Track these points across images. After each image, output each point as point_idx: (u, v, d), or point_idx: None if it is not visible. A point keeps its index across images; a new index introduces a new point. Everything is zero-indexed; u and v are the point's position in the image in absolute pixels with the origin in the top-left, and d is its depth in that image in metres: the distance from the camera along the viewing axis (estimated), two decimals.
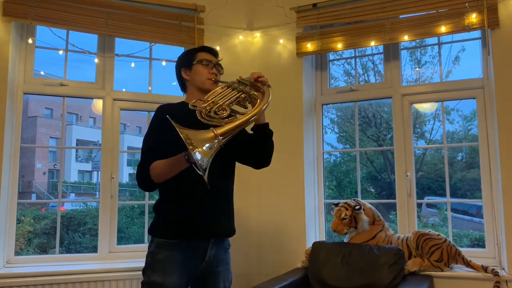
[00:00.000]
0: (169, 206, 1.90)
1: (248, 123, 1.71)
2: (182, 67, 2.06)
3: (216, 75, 2.02)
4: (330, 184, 6.66)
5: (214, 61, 2.05)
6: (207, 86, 1.98)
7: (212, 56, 2.06)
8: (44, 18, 3.03)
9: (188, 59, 2.05)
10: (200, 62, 2.01)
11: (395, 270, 2.77)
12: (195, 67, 2.02)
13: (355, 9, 3.26)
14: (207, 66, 2.01)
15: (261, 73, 1.89)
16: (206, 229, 1.89)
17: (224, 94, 1.81)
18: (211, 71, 2.01)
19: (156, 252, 1.87)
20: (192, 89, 2.04)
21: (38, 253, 6.66)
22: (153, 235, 1.91)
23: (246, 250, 3.41)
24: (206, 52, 2.06)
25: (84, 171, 20.16)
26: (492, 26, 2.88)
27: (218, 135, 1.61)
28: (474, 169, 6.35)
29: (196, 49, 2.09)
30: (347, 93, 3.48)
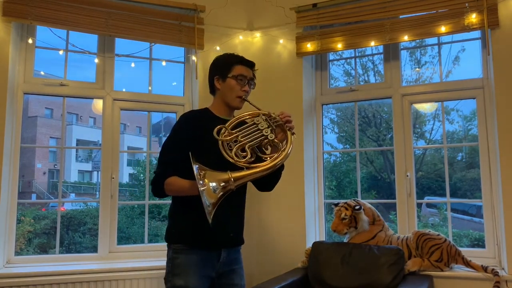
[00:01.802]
0: (184, 214, 1.94)
1: (264, 173, 1.77)
2: (216, 75, 2.04)
3: (247, 92, 2.02)
4: (330, 184, 6.66)
5: (249, 76, 2.03)
6: (235, 104, 2.02)
7: (248, 70, 2.04)
8: (44, 18, 3.03)
9: (224, 69, 2.02)
10: (235, 78, 1.99)
11: (395, 270, 2.77)
12: (229, 80, 2.00)
13: (355, 9, 3.26)
14: (241, 81, 2.00)
15: (290, 115, 1.91)
16: (218, 241, 1.94)
17: (249, 131, 1.83)
18: (243, 88, 2.00)
19: (175, 257, 1.92)
20: (220, 100, 2.04)
21: (38, 253, 6.66)
22: (170, 242, 1.97)
23: (246, 250, 3.40)
24: (243, 66, 2.03)
25: (84, 171, 20.15)
26: (492, 26, 2.88)
27: (231, 179, 1.69)
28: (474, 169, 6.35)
29: (234, 60, 2.04)
30: (347, 93, 3.48)
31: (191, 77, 3.53)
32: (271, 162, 1.78)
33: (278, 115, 1.90)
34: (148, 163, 3.83)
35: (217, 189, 1.67)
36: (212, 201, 1.65)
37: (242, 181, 1.74)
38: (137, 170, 11.85)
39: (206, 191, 1.64)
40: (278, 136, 1.87)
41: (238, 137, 1.80)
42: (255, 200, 3.47)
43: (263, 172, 1.76)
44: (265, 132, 1.83)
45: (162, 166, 1.91)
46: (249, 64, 2.06)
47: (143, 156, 12.39)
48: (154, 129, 16.82)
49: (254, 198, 3.47)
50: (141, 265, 3.08)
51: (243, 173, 1.73)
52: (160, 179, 1.89)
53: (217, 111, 2.03)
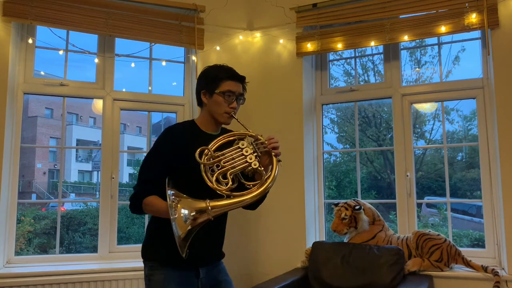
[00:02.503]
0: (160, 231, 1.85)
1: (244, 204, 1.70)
2: (202, 88, 1.92)
3: (235, 109, 1.90)
4: (330, 184, 6.66)
5: (238, 92, 1.90)
6: (223, 120, 1.91)
7: (238, 85, 1.91)
8: (44, 18, 3.03)
9: (211, 84, 1.90)
10: (222, 94, 1.87)
11: (395, 270, 2.77)
12: (216, 96, 1.88)
13: (355, 9, 3.26)
14: (228, 97, 1.88)
15: (278, 141, 1.81)
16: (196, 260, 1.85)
17: (232, 156, 1.73)
18: (231, 105, 1.88)
19: (151, 274, 1.86)
20: (207, 115, 1.94)
21: (38, 253, 6.66)
22: (145, 258, 1.91)
23: (246, 250, 3.41)
24: (233, 81, 1.90)
25: (84, 171, 20.14)
26: (492, 26, 2.88)
27: (209, 208, 1.62)
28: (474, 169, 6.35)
29: (223, 75, 1.90)
30: (347, 93, 3.48)
31: (191, 77, 3.54)
32: (252, 193, 1.68)
33: (266, 139, 1.79)
34: None
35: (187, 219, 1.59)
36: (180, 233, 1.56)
37: (220, 210, 1.65)
38: (137, 170, 11.79)
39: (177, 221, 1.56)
40: (263, 162, 1.77)
41: (221, 162, 1.71)
42: None
43: (243, 203, 1.67)
44: (249, 159, 1.73)
45: (141, 184, 1.83)
46: (238, 78, 1.92)
47: (143, 156, 12.38)
48: (154, 129, 16.82)
49: None
50: (141, 265, 3.05)
51: (222, 203, 1.65)
52: (138, 197, 1.80)
53: (203, 126, 1.94)
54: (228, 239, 3.49)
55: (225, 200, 1.66)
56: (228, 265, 3.37)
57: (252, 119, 3.53)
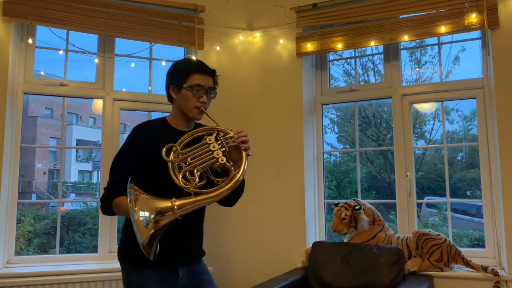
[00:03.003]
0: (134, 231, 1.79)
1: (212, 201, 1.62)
2: (171, 83, 1.87)
3: (205, 104, 1.83)
4: (330, 184, 6.65)
5: (207, 86, 1.83)
6: (192, 115, 1.84)
7: (207, 78, 1.84)
8: (44, 18, 3.03)
9: (179, 78, 1.84)
10: (190, 88, 1.80)
11: (395, 270, 2.77)
12: (184, 91, 1.81)
13: (355, 9, 3.26)
14: (197, 92, 1.81)
15: (247, 135, 1.73)
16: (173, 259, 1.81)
17: (200, 152, 1.67)
18: (201, 99, 1.82)
19: (129, 277, 1.81)
20: (177, 111, 1.88)
21: (38, 253, 6.66)
22: (121, 260, 1.86)
23: (246, 250, 3.41)
24: (201, 75, 1.83)
25: (84, 171, 20.15)
26: (492, 26, 2.88)
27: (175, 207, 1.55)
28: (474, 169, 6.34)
29: (191, 68, 1.84)
30: (347, 93, 3.48)
31: None
32: (220, 189, 1.61)
33: (235, 133, 1.71)
34: None
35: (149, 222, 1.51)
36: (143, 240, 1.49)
37: (187, 208, 1.58)
38: None
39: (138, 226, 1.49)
40: (233, 156, 1.70)
41: (188, 159, 1.65)
42: (255, 200, 3.47)
43: (211, 199, 1.60)
44: (216, 155, 1.66)
45: (111, 185, 1.77)
46: (208, 72, 1.85)
47: None
48: None
49: (254, 198, 3.47)
50: None
51: (189, 201, 1.58)
52: (108, 198, 1.75)
53: (174, 123, 1.88)
54: (228, 239, 3.50)
55: (193, 198, 1.59)
56: (228, 265, 3.38)
57: (252, 119, 3.53)
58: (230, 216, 3.40)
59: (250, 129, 3.50)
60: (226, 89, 3.49)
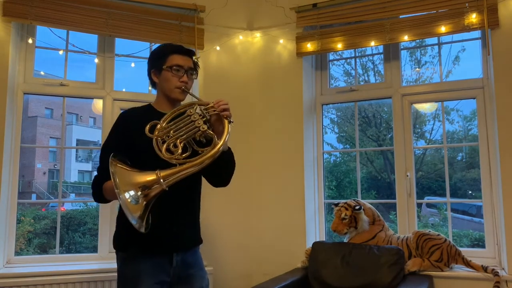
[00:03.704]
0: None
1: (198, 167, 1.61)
2: (152, 68, 1.90)
3: (186, 83, 1.85)
4: (330, 184, 6.65)
5: (187, 66, 1.86)
6: (174, 96, 1.86)
7: (185, 59, 1.87)
8: (44, 18, 3.03)
9: (158, 60, 1.87)
10: (169, 69, 1.83)
11: (395, 270, 2.77)
12: (164, 72, 1.84)
13: (355, 9, 3.26)
14: (177, 72, 1.83)
15: (227, 103, 1.74)
16: (169, 244, 1.80)
17: (181, 125, 1.68)
18: (181, 79, 1.84)
19: (123, 267, 1.83)
20: (160, 94, 1.90)
21: (38, 253, 6.65)
22: (116, 249, 1.86)
23: (246, 250, 3.41)
24: (179, 55, 1.86)
25: (84, 171, 20.14)
26: (492, 26, 2.88)
27: (160, 178, 1.55)
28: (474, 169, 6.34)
29: (168, 50, 1.87)
30: (347, 93, 3.48)
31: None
32: (203, 156, 1.61)
33: (214, 103, 1.73)
34: None
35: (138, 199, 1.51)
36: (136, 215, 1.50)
37: (173, 178, 1.57)
38: None
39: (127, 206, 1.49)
40: (217, 127, 1.71)
41: (170, 132, 1.66)
42: (255, 200, 3.47)
43: (195, 167, 1.59)
44: (197, 124, 1.67)
45: (100, 171, 1.79)
46: (185, 52, 1.88)
47: None
48: None
49: (254, 198, 3.47)
50: None
51: (174, 170, 1.57)
52: (97, 184, 1.78)
53: (159, 107, 1.89)
54: (228, 239, 3.50)
55: (177, 167, 1.59)
56: (228, 265, 3.38)
57: (252, 119, 3.53)
58: (230, 215, 3.40)
59: (250, 129, 3.51)
60: (226, 89, 3.50)
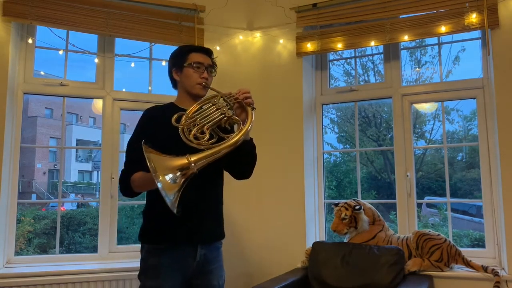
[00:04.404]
0: (156, 212, 1.88)
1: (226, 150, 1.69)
2: (173, 67, 2.01)
3: (206, 79, 1.96)
4: (330, 184, 6.65)
5: (207, 63, 1.97)
6: (196, 91, 1.95)
7: (205, 57, 1.98)
8: (44, 18, 3.03)
9: (179, 59, 1.98)
10: (190, 66, 1.94)
11: (395, 270, 2.77)
12: (186, 70, 1.96)
13: (355, 9, 3.26)
14: (198, 69, 1.95)
15: (249, 92, 1.85)
16: (194, 235, 1.87)
17: (207, 113, 1.77)
18: (202, 75, 1.95)
19: (147, 257, 1.88)
20: (182, 92, 2.00)
21: (38, 253, 6.65)
22: (142, 241, 1.92)
23: (246, 250, 3.41)
24: (199, 53, 1.98)
25: (84, 171, 20.15)
26: (492, 26, 2.88)
27: (191, 163, 1.60)
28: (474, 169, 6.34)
29: (188, 49, 2.00)
30: (347, 93, 3.48)
31: None
32: (231, 139, 1.70)
33: (236, 92, 1.84)
34: None
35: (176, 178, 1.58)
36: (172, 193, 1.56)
37: (203, 162, 1.64)
38: None
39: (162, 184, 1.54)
40: (239, 114, 1.82)
41: (197, 120, 1.74)
42: (255, 200, 3.47)
43: (224, 150, 1.68)
44: (222, 110, 1.77)
45: (126, 164, 1.89)
46: (205, 51, 2.00)
47: None
48: None
49: (254, 198, 3.47)
50: None
51: (203, 154, 1.64)
52: (125, 177, 1.86)
53: (180, 103, 1.98)
54: (228, 239, 3.49)
55: (205, 152, 1.65)
56: (228, 265, 3.36)
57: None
58: (230, 215, 3.40)
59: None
60: (226, 89, 3.49)
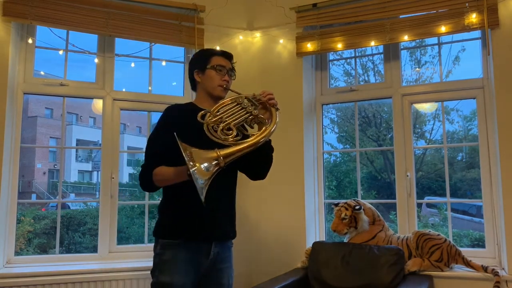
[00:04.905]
0: (173, 208, 1.93)
1: (252, 148, 1.75)
2: (195, 68, 2.06)
3: (227, 82, 2.03)
4: (330, 184, 6.66)
5: (228, 67, 2.05)
6: (217, 93, 2.02)
7: (227, 61, 2.06)
8: (44, 18, 3.03)
9: (202, 61, 2.05)
10: (213, 68, 2.01)
11: (395, 270, 2.77)
12: (208, 71, 2.02)
13: (355, 9, 3.26)
14: (220, 72, 2.01)
15: (272, 93, 1.92)
16: (208, 233, 1.92)
17: (233, 111, 1.83)
18: (224, 78, 2.02)
19: (162, 253, 1.91)
20: (203, 93, 2.06)
21: (38, 253, 6.66)
22: (158, 236, 1.95)
23: (246, 250, 3.41)
24: (221, 57, 2.05)
25: (84, 171, 20.14)
26: (492, 26, 2.88)
27: (220, 157, 1.66)
28: (474, 169, 6.35)
29: (211, 52, 2.08)
30: (347, 93, 3.48)
31: None
32: (257, 137, 1.78)
33: (260, 94, 1.91)
34: None
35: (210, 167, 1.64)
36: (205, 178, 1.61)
37: (231, 157, 1.70)
38: (137, 170, 11.79)
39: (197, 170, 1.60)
40: (263, 113, 1.88)
41: (223, 118, 1.80)
42: (255, 200, 3.47)
43: (251, 147, 1.74)
44: (248, 109, 1.84)
45: (148, 159, 1.93)
46: (227, 55, 2.08)
47: (143, 156, 12.39)
48: None
49: (254, 198, 3.47)
50: (141, 265, 3.08)
51: (231, 149, 1.70)
52: (147, 171, 1.90)
53: (200, 103, 2.03)
54: None
55: (233, 147, 1.71)
56: None
57: None
58: None
59: (249, 129, 3.51)
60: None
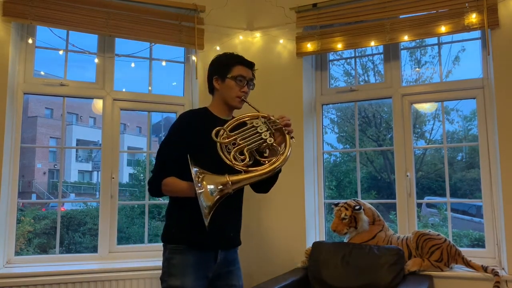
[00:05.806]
0: (181, 214, 1.94)
1: (261, 178, 1.76)
2: (215, 74, 2.02)
3: (246, 94, 2.01)
4: (330, 184, 6.66)
5: (249, 77, 2.02)
6: (234, 104, 2.01)
7: (248, 70, 2.02)
8: (44, 18, 3.03)
9: (223, 69, 2.00)
10: (233, 78, 1.98)
11: (395, 270, 2.77)
12: (228, 81, 1.99)
13: (355, 9, 3.26)
14: (240, 82, 1.98)
15: (290, 119, 1.90)
16: (215, 241, 1.93)
17: (248, 134, 1.82)
18: (242, 89, 1.99)
19: (171, 257, 1.92)
20: (219, 100, 2.03)
21: (38, 253, 6.66)
22: (166, 242, 1.96)
23: (246, 250, 3.40)
24: (243, 66, 2.01)
25: (84, 171, 20.14)
26: (492, 26, 2.88)
27: (229, 182, 1.68)
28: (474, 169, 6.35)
29: (234, 61, 2.02)
30: (347, 93, 3.48)
31: (191, 77, 3.54)
32: (269, 166, 1.77)
33: (278, 118, 1.88)
34: (148, 163, 3.83)
35: (214, 192, 1.67)
36: (209, 204, 1.65)
37: (240, 184, 1.74)
38: (137, 170, 11.85)
39: (203, 194, 1.64)
40: (277, 139, 1.86)
41: (237, 140, 1.79)
42: (255, 200, 3.47)
43: (261, 176, 1.76)
44: (264, 136, 1.82)
45: (159, 166, 1.92)
46: (248, 64, 2.04)
47: (143, 156, 12.38)
48: (154, 129, 16.81)
49: (254, 199, 3.46)
50: (141, 265, 3.08)
51: (241, 177, 1.72)
52: (157, 179, 1.89)
53: (216, 111, 2.02)
54: None
55: (244, 174, 1.72)
56: None
57: None
58: None
59: None
60: None
